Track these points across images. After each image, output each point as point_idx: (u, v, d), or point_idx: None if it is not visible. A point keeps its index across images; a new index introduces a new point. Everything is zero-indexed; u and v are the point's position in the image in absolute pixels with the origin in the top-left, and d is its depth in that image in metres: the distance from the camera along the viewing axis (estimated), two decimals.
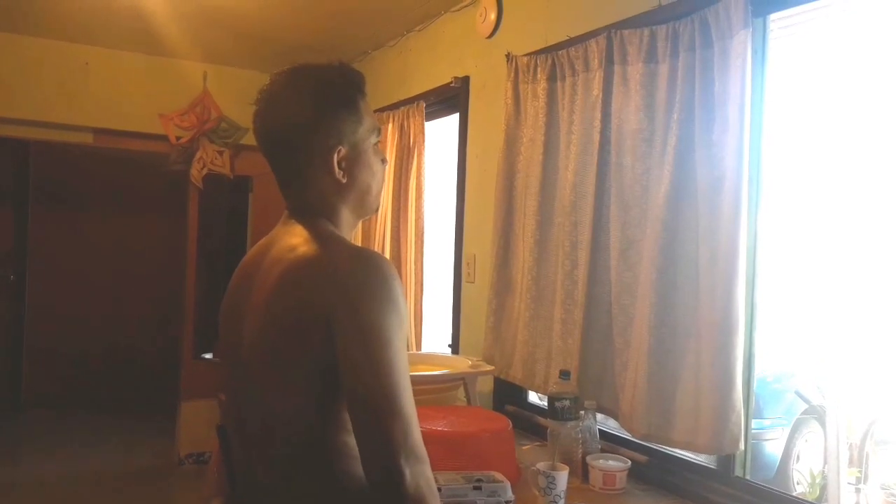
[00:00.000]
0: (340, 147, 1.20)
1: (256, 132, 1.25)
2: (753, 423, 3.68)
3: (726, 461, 1.89)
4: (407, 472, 1.02)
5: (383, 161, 1.30)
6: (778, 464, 3.78)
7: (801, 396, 3.76)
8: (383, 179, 1.31)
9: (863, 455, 3.24)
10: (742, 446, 1.77)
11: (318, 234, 1.19)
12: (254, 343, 1.19)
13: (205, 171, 4.44)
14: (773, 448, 3.79)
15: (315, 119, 1.20)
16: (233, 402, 1.29)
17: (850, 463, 3.02)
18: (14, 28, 3.85)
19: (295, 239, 1.20)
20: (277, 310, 1.15)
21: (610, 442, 2.18)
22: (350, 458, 1.13)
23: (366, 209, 1.30)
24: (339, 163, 1.21)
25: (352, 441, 1.11)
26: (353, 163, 1.23)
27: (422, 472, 1.05)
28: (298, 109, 1.20)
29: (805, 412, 3.85)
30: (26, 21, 3.73)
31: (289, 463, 1.17)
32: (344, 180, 1.22)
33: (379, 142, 1.30)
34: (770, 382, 3.98)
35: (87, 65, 4.11)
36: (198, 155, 4.41)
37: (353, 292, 1.09)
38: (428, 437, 1.12)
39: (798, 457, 3.85)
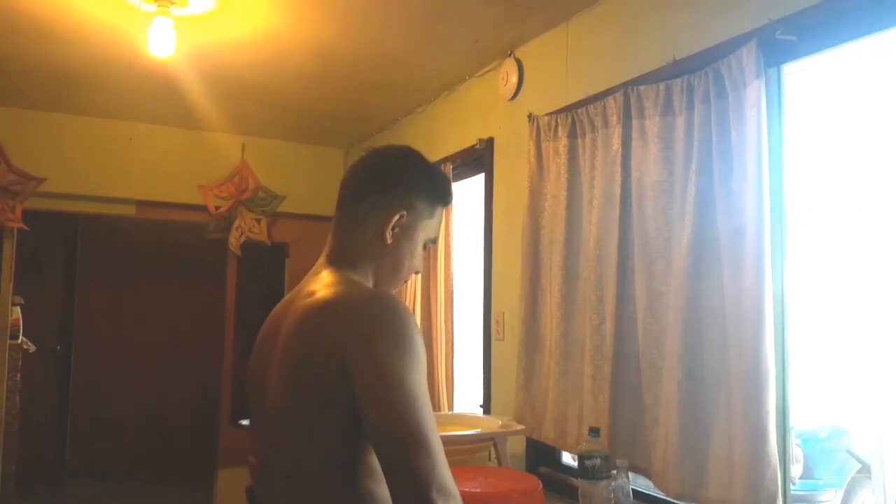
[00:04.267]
0: (404, 213, 1.29)
1: (352, 171, 1.36)
2: (802, 484, 3.54)
3: None
4: None
5: (425, 247, 1.37)
6: None
7: (852, 455, 3.58)
8: (417, 268, 1.37)
9: None
10: (780, 503, 1.70)
11: (338, 280, 1.23)
12: (276, 391, 1.20)
13: (243, 239, 4.55)
14: None
15: (406, 182, 1.32)
16: (259, 459, 1.29)
17: None
18: (65, 109, 4.08)
19: (316, 285, 1.24)
20: (295, 354, 1.17)
21: (644, 502, 2.11)
22: None
23: (388, 282, 1.34)
24: (394, 226, 1.29)
25: (378, 490, 1.10)
26: (404, 234, 1.30)
27: None
28: (400, 168, 1.34)
29: (859, 472, 3.66)
30: (75, 102, 3.95)
31: None
32: (389, 241, 1.29)
33: (429, 246, 1.39)
34: (823, 440, 3.80)
35: (131, 140, 4.30)
36: (236, 223, 4.53)
37: (367, 331, 1.11)
38: None
39: None
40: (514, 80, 2.96)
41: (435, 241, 1.40)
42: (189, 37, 2.86)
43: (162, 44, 2.69)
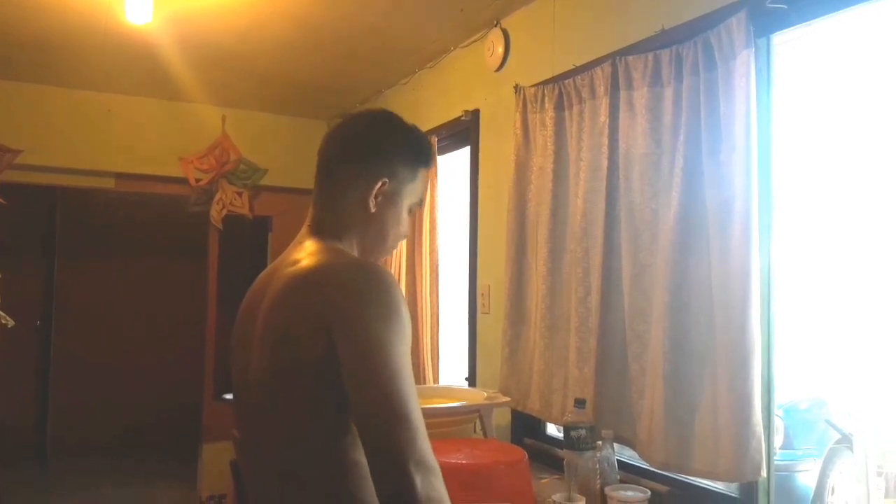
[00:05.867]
0: (386, 180, 1.26)
1: (328, 139, 1.32)
2: (782, 455, 3.60)
3: (749, 489, 1.83)
4: (417, 480, 0.99)
5: (411, 211, 1.34)
6: (812, 496, 3.65)
7: (831, 425, 3.64)
8: (404, 234, 1.35)
9: None
10: (765, 473, 1.71)
11: (323, 249, 1.21)
12: (259, 363, 1.18)
13: (224, 212, 4.50)
14: (806, 480, 3.66)
15: (385, 148, 1.29)
16: (242, 431, 1.28)
17: (887, 494, 2.91)
18: (40, 79, 3.98)
19: (300, 254, 1.22)
20: (278, 325, 1.15)
21: (629, 472, 2.12)
22: (359, 477, 1.11)
23: (375, 251, 1.32)
24: (376, 194, 1.26)
25: (362, 459, 1.09)
26: (388, 201, 1.28)
27: (434, 484, 1.02)
28: (378, 134, 1.31)
29: (838, 442, 3.73)
30: (51, 72, 3.85)
31: (299, 485, 1.15)
32: (373, 210, 1.26)
33: (415, 210, 1.36)
34: (803, 411, 3.86)
35: (109, 112, 4.21)
36: (217, 196, 4.48)
37: (352, 301, 1.09)
38: (442, 469, 1.08)
39: (833, 489, 3.72)
40: (500, 50, 2.92)
41: (420, 204, 1.38)
42: (167, 3, 2.78)
43: (139, 10, 2.61)
